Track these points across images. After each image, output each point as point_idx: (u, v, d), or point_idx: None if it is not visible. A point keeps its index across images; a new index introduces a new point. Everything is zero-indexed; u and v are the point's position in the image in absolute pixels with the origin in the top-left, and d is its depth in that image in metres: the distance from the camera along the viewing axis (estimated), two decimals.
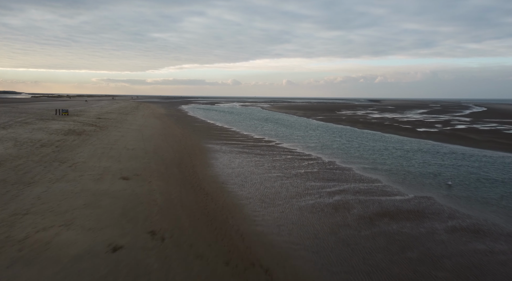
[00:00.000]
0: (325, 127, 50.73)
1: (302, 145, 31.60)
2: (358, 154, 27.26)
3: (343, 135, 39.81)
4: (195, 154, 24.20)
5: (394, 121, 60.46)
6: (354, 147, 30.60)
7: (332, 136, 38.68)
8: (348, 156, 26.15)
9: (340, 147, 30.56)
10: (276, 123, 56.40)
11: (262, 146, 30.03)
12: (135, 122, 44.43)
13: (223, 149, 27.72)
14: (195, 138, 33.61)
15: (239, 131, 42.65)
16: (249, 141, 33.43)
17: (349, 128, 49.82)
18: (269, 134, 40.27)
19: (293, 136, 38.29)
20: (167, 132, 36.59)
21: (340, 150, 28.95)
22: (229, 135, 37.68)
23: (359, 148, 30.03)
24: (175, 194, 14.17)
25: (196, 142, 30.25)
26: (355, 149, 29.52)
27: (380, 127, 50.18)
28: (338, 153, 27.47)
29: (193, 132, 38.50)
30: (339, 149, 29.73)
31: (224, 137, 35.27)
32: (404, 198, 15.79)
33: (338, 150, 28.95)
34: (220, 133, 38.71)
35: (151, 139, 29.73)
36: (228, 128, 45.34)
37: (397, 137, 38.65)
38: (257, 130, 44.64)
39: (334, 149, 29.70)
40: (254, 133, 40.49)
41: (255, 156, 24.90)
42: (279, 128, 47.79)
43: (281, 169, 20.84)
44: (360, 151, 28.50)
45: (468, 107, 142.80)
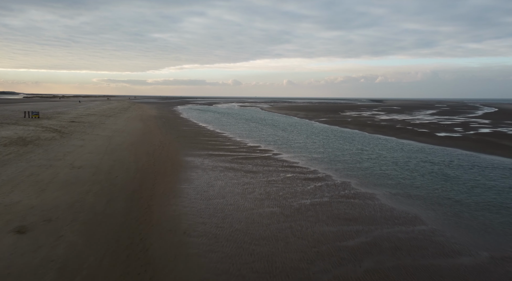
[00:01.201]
0: (330, 131, 44.78)
1: (305, 156, 25.67)
2: (378, 169, 21.32)
3: (352, 142, 33.87)
4: (164, 174, 18.23)
5: (406, 124, 54.48)
6: (370, 159, 24.66)
7: (339, 143, 32.74)
8: (366, 174, 20.21)
9: (353, 159, 24.63)
10: (275, 126, 50.44)
11: (256, 159, 24.11)
12: (112, 127, 38.52)
13: (206, 163, 21.77)
14: (175, 147, 27.67)
15: (232, 137, 36.74)
16: (241, 150, 27.51)
17: (357, 132, 43.85)
18: (266, 140, 34.34)
19: (294, 144, 32.35)
20: (143, 139, 30.66)
21: (353, 164, 23.02)
22: (219, 142, 31.77)
23: (377, 161, 24.09)
24: (89, 269, 8.16)
25: (173, 154, 24.30)
26: (371, 162, 23.59)
27: (392, 131, 44.20)
28: (351, 168, 21.55)
29: (176, 139, 32.57)
30: (351, 162, 23.80)
31: (212, 146, 29.35)
32: (478, 262, 9.75)
33: (350, 164, 23.02)
34: (208, 140, 32.79)
35: (116, 150, 23.81)
36: (220, 133, 39.42)
37: (416, 144, 32.68)
38: (252, 135, 38.71)
39: (346, 162, 23.76)
40: (248, 140, 34.57)
41: (245, 176, 18.95)
42: (278, 132, 41.86)
43: (278, 199, 14.87)
44: (379, 165, 22.57)
45: (477, 107, 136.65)
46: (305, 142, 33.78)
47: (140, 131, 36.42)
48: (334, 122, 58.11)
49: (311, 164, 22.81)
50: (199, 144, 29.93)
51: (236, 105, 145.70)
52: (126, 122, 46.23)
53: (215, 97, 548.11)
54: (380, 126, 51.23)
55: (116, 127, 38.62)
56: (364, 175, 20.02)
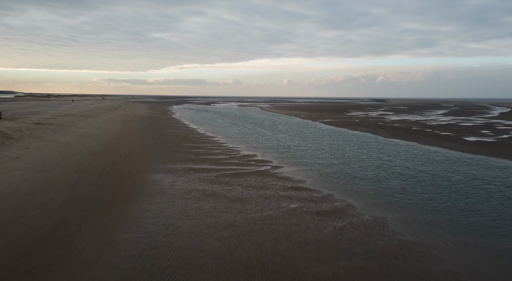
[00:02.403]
0: (338, 134, 38.75)
1: (313, 171, 19.70)
2: (418, 193, 15.31)
3: (368, 149, 27.85)
4: (106, 207, 12.20)
5: (423, 126, 48.40)
6: (399, 175, 18.66)
7: (353, 151, 26.73)
8: (404, 202, 14.20)
9: (376, 176, 18.62)
10: (275, 128, 44.41)
11: (248, 175, 18.13)
12: (81, 130, 32.53)
13: (178, 185, 15.75)
14: (146, 158, 21.66)
15: (224, 142, 30.76)
16: (232, 162, 21.52)
17: (370, 136, 37.84)
18: (264, 146, 28.34)
19: (298, 151, 26.35)
20: (110, 147, 24.65)
21: (379, 184, 17.02)
22: (206, 150, 25.78)
23: (410, 178, 18.09)
24: None
25: (137, 170, 18.26)
26: (404, 181, 17.60)
27: (411, 134, 38.16)
28: (379, 192, 15.56)
29: (154, 146, 26.56)
30: (375, 180, 17.79)
31: (196, 155, 23.36)
32: None
33: (375, 184, 17.01)
34: (193, 147, 26.79)
35: (60, 164, 17.79)
36: (210, 138, 33.43)
37: (447, 153, 26.68)
38: (248, 140, 32.70)
39: (368, 180, 17.76)
40: (243, 146, 28.59)
41: (229, 208, 12.94)
42: (278, 136, 35.85)
43: (279, 264, 8.86)
44: (417, 186, 16.56)
45: (487, 107, 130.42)
46: (311, 149, 27.77)
47: (112, 136, 30.41)
48: (340, 124, 52.08)
49: (322, 184, 16.80)
50: (180, 153, 23.92)
51: (234, 105, 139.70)
52: (104, 124, 40.24)
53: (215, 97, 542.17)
54: (394, 128, 45.18)
55: (86, 130, 32.62)
56: (403, 204, 14.00)
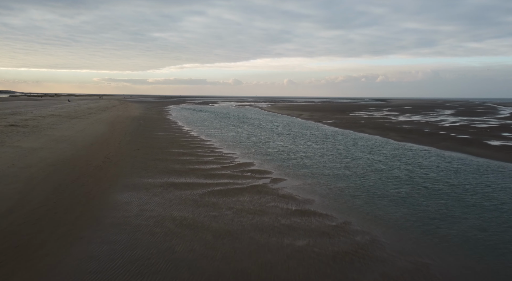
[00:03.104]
0: (345, 137, 35.26)
1: (321, 186, 16.22)
2: (463, 217, 11.80)
3: (380, 155, 24.35)
4: (30, 255, 8.72)
5: (435, 127, 44.83)
6: (426, 191, 15.17)
7: (364, 158, 23.22)
8: (449, 235, 10.71)
9: (399, 192, 15.11)
10: (275, 130, 40.89)
11: (243, 192, 14.64)
12: (57, 133, 29.04)
13: (150, 208, 12.26)
14: (120, 169, 18.15)
15: (217, 147, 27.30)
16: (225, 173, 18.04)
17: (379, 139, 34.35)
18: (263, 152, 24.86)
19: (302, 158, 22.86)
20: (82, 154, 21.13)
21: (405, 204, 13.51)
22: (196, 157, 22.31)
23: (439, 194, 14.59)
24: None
25: (105, 185, 14.74)
26: (433, 198, 14.11)
27: (425, 138, 34.64)
28: (409, 217, 12.06)
29: (135, 153, 23.06)
30: (400, 199, 14.28)
31: (182, 165, 19.88)
32: None
33: (401, 205, 13.50)
34: (181, 154, 23.32)
35: (6, 178, 14.29)
36: (203, 141, 29.96)
37: (473, 160, 23.19)
38: (246, 144, 29.21)
39: (391, 199, 14.25)
40: (239, 152, 25.13)
41: (212, 249, 9.42)
42: (279, 139, 32.34)
43: None
44: (452, 207, 13.06)
45: (494, 107, 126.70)
46: (316, 155, 24.27)
47: (91, 140, 26.90)
48: (345, 125, 48.55)
49: (335, 206, 13.31)
50: (164, 162, 20.41)
51: (234, 105, 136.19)
52: (88, 125, 36.75)
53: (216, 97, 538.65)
54: (405, 130, 41.64)
55: (63, 133, 29.13)
56: (448, 238, 10.51)
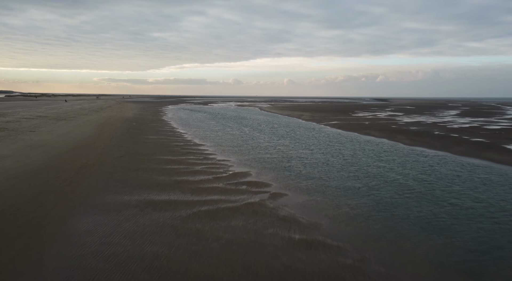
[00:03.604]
0: (350, 140, 32.75)
1: (330, 204, 13.72)
2: None
3: (392, 162, 21.81)
4: None
5: (445, 129, 42.27)
6: (452, 207, 12.64)
7: (374, 165, 20.69)
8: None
9: (422, 211, 12.58)
10: (275, 132, 38.36)
11: (235, 214, 12.15)
12: (37, 137, 26.56)
13: (115, 241, 9.76)
14: (94, 182, 15.63)
15: (211, 152, 24.82)
16: (216, 186, 15.54)
17: (387, 142, 31.85)
18: (261, 159, 22.35)
19: (305, 167, 20.33)
20: (54, 163, 18.62)
21: (436, 230, 10.98)
22: (185, 166, 19.81)
23: (474, 216, 12.04)
24: None
25: (68, 206, 12.25)
26: (465, 223, 11.57)
27: (437, 141, 32.11)
28: (447, 252, 9.54)
29: (117, 160, 20.54)
30: (428, 223, 11.75)
31: (168, 175, 17.37)
32: None
33: (430, 230, 10.97)
34: (170, 161, 20.81)
35: None
36: (197, 146, 27.47)
37: (496, 168, 20.69)
38: (243, 149, 26.71)
39: (415, 222, 11.72)
40: (234, 158, 22.66)
41: None
42: (279, 143, 29.80)
43: None
44: (497, 236, 10.54)
45: (499, 107, 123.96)
46: (320, 162, 21.75)
47: (72, 145, 24.38)
48: (349, 127, 46.01)
49: (349, 234, 10.80)
50: (147, 173, 17.89)
51: (233, 105, 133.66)
52: (74, 128, 34.27)
53: (215, 96, 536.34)
54: (413, 132, 39.11)
55: (42, 138, 26.63)
56: None
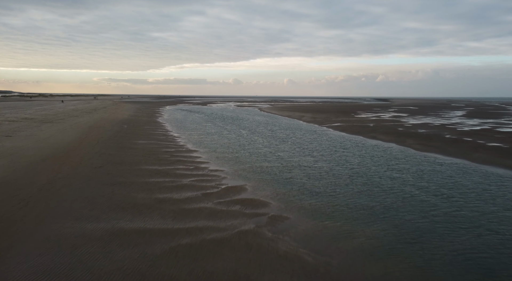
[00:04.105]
0: (355, 145, 30.24)
1: (340, 230, 11.18)
2: None
3: (405, 171, 19.24)
4: None
5: (456, 132, 39.68)
6: (499, 240, 10.06)
7: (386, 176, 18.12)
8: None
9: (465, 248, 10.02)
10: (275, 136, 35.79)
11: (223, 248, 9.62)
12: (10, 143, 24.05)
13: None
14: (55, 202, 13.08)
15: (204, 160, 22.32)
16: (204, 206, 13.01)
17: (396, 147, 29.33)
18: (260, 169, 19.81)
19: (308, 179, 17.77)
20: (17, 177, 16.07)
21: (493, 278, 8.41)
22: (173, 178, 17.27)
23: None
24: None
25: (8, 242, 9.73)
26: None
27: (451, 146, 29.54)
28: None
29: (95, 171, 17.98)
30: (475, 259, 9.19)
31: (149, 192, 14.84)
32: None
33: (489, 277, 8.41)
34: (155, 172, 18.26)
35: None
36: (189, 152, 24.97)
37: None
38: (239, 156, 24.18)
39: (461, 261, 9.16)
40: (228, 168, 20.15)
41: None
42: (279, 148, 27.25)
43: None
44: None
45: (504, 107, 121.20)
46: (326, 173, 19.19)
47: (48, 153, 21.83)
48: (353, 129, 43.45)
49: (374, 277, 8.25)
50: (126, 188, 15.34)
51: (232, 105, 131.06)
52: (58, 132, 31.73)
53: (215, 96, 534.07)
54: (422, 136, 36.53)
55: (16, 144, 24.10)
56: None
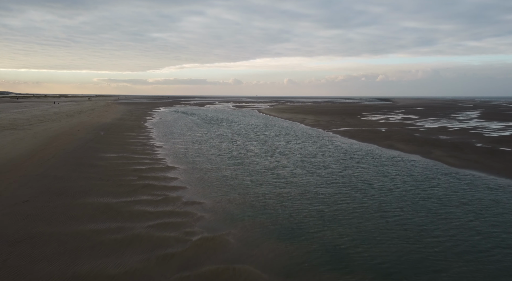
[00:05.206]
0: (371, 157, 24.67)
1: None
2: None
3: (455, 204, 13.55)
4: None
5: (485, 140, 33.93)
6: None
7: (437, 214, 12.48)
8: None
9: None
10: (274, 145, 30.11)
11: None
12: None
13: None
14: None
15: (179, 185, 16.79)
16: None
17: (422, 161, 23.78)
18: (253, 200, 14.16)
19: (321, 221, 12.12)
20: None
21: None
22: (125, 219, 11.74)
23: None
24: None
25: None
26: None
27: (490, 159, 23.90)
28: None
29: (8, 212, 12.41)
30: None
31: (69, 256, 9.24)
32: None
33: None
34: (102, 210, 12.69)
35: None
36: (164, 171, 19.41)
37: None
38: (226, 177, 18.58)
39: None
40: (209, 200, 14.58)
41: None
42: (278, 163, 21.61)
43: None
44: None
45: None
46: (343, 208, 13.55)
47: None
48: (364, 135, 37.80)
49: None
50: (37, 250, 9.77)
51: (230, 106, 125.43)
52: (9, 142, 26.18)
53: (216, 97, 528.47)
54: (447, 144, 30.85)
55: None
56: None
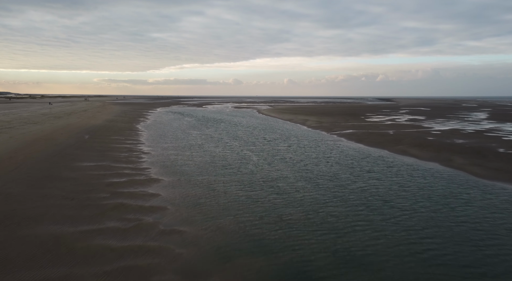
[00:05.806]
0: (382, 165, 21.64)
1: None
2: None
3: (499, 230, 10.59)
4: None
5: (507, 145, 30.86)
6: None
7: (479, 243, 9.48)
8: None
9: None
10: (274, 151, 27.05)
11: None
12: None
13: None
14: None
15: (160, 204, 13.72)
16: None
17: (442, 170, 20.80)
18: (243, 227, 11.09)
19: (333, 260, 9.09)
20: None
21: None
22: (72, 266, 8.55)
23: None
24: None
25: None
26: None
27: None
28: None
29: None
30: None
31: None
32: None
33: None
34: (39, 256, 9.57)
35: None
36: (146, 184, 16.37)
37: None
38: (216, 191, 15.50)
39: None
40: (192, 226, 11.48)
41: None
42: (278, 173, 18.53)
43: None
44: None
45: None
46: (358, 239, 10.48)
47: None
48: (371, 139, 34.76)
49: None
50: None
51: (230, 107, 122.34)
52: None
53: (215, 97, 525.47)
54: (466, 150, 27.77)
55: None
56: None
